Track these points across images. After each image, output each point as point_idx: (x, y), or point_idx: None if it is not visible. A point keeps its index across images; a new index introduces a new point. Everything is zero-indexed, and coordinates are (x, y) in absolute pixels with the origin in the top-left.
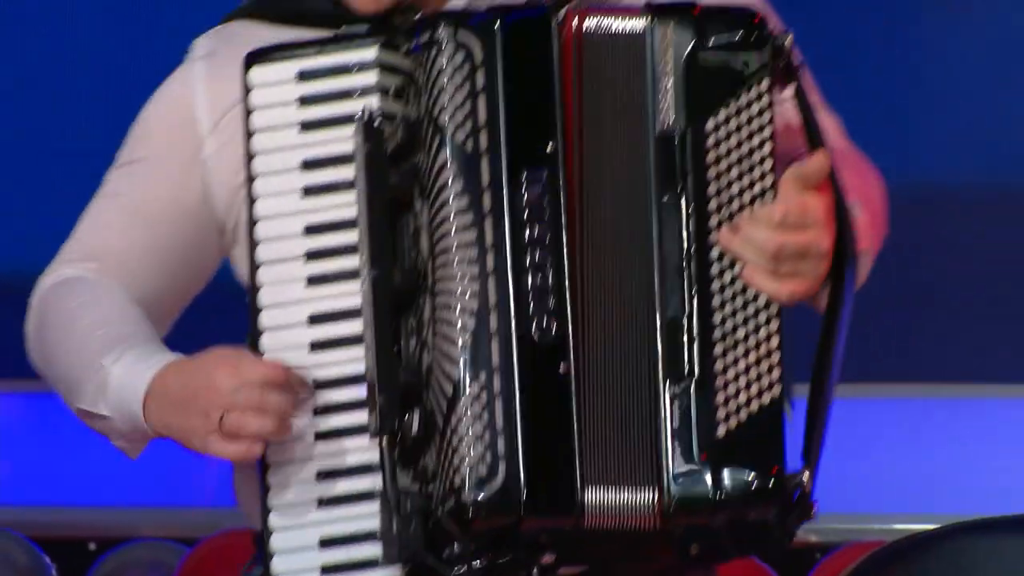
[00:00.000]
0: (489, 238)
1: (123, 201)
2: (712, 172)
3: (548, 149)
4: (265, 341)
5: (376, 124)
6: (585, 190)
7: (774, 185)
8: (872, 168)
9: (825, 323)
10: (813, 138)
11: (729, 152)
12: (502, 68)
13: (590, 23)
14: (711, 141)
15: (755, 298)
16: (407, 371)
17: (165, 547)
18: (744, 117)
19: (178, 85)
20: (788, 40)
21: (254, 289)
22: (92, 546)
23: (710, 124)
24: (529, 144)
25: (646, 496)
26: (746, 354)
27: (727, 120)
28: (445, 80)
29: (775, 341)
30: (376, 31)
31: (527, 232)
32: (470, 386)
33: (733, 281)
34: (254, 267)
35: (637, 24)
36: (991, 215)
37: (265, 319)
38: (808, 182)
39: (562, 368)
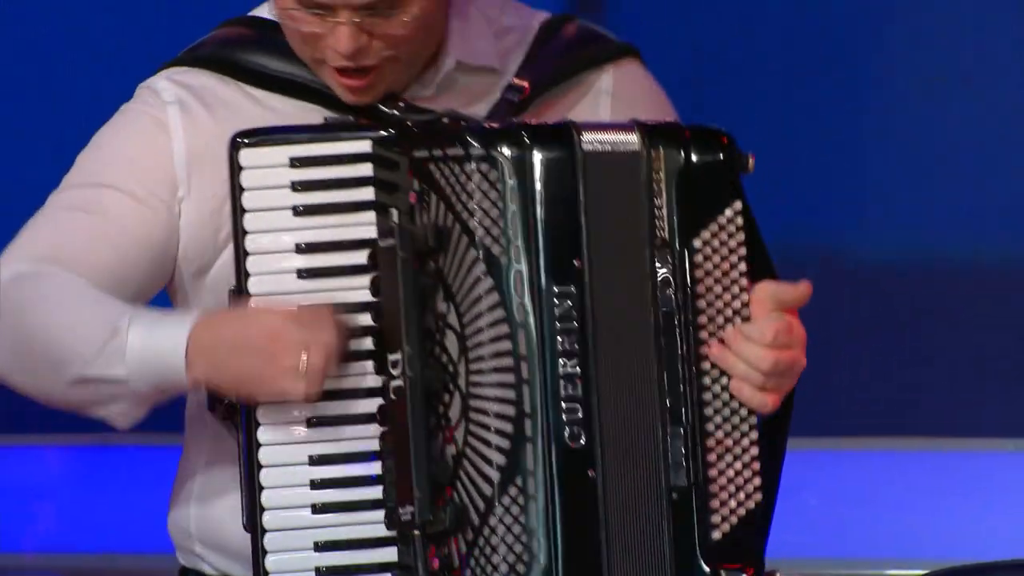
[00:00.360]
0: (523, 348)
1: (94, 220)
2: (700, 288)
3: (576, 265)
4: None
5: (407, 228)
6: (602, 305)
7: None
8: None
9: (774, 431)
10: (762, 261)
11: (713, 268)
12: (533, 183)
13: (593, 138)
14: (699, 258)
15: (739, 408)
16: (436, 464)
17: None
18: (724, 235)
19: (153, 125)
20: (751, 160)
21: None
22: None
23: (697, 242)
24: (559, 260)
25: None
26: (734, 462)
27: (711, 237)
28: (478, 191)
29: (756, 450)
30: (365, 119)
31: (559, 344)
32: (508, 488)
33: (722, 392)
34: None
35: (634, 143)
36: (977, 286)
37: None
38: (787, 305)
39: (591, 473)
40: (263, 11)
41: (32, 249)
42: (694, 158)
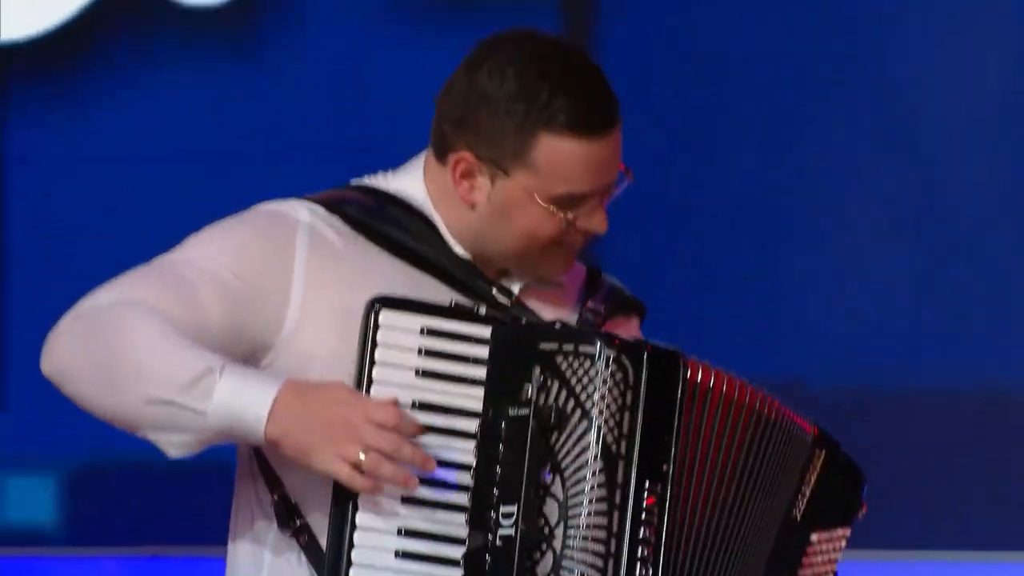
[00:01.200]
0: (615, 527)
1: (205, 306)
2: None
3: (665, 468)
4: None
5: (540, 416)
6: (680, 507)
7: None
8: None
9: None
10: None
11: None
12: (645, 391)
13: (703, 376)
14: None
15: None
16: None
17: None
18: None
19: (283, 236)
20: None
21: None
22: None
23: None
24: (655, 460)
25: None
26: None
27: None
28: (603, 387)
29: None
30: (488, 311)
31: (642, 531)
32: None
33: None
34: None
35: (741, 390)
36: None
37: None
38: None
39: None
40: (378, 181)
41: (131, 292)
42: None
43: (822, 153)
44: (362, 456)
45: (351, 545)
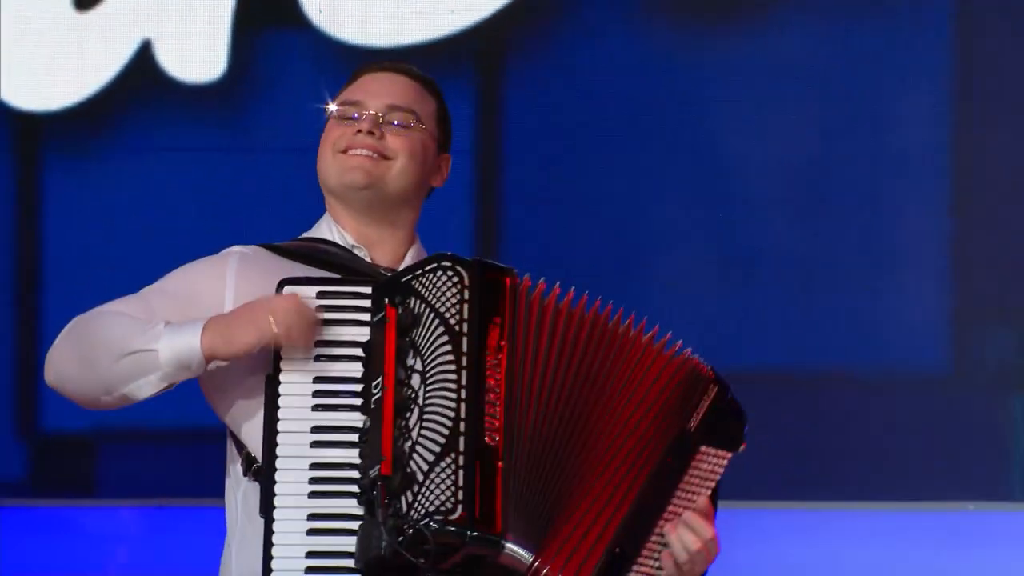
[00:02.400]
0: (464, 381)
1: (150, 303)
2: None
3: (501, 344)
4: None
5: (397, 323)
6: (509, 366)
7: None
8: None
9: None
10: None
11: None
12: (476, 287)
13: (525, 283)
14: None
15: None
16: (397, 447)
17: None
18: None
19: (218, 263)
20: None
21: (274, 397)
22: None
23: None
24: (490, 335)
25: (525, 555)
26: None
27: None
28: (445, 290)
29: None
30: (370, 278)
31: (487, 384)
32: (446, 459)
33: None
34: (274, 394)
35: (573, 302)
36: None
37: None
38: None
39: (499, 464)
40: (312, 231)
41: (103, 306)
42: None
43: (659, 187)
44: (271, 319)
45: (276, 428)
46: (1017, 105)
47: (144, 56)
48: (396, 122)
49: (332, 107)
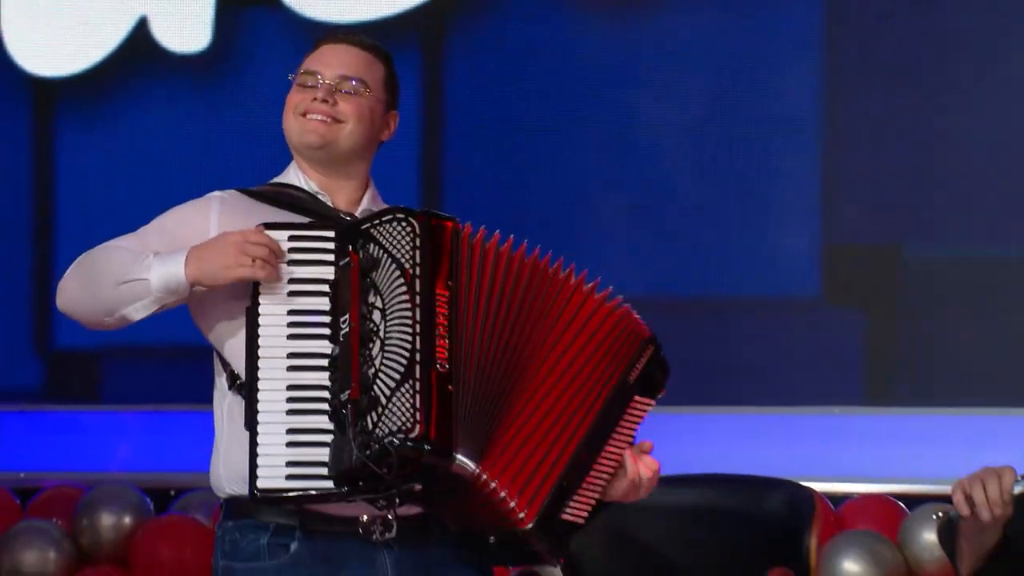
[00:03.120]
0: (419, 317)
1: (147, 240)
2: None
3: (448, 284)
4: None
5: (359, 266)
6: (456, 303)
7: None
8: None
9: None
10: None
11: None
12: (428, 238)
13: (459, 230)
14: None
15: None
16: (362, 375)
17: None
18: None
19: (201, 207)
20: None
21: (254, 332)
22: (172, 492)
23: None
24: (439, 276)
25: (472, 465)
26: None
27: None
28: (399, 237)
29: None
30: (334, 223)
31: (438, 319)
32: (405, 384)
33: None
34: (254, 324)
35: (514, 248)
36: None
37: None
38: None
39: (450, 388)
40: (281, 177)
41: (105, 242)
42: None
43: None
44: (247, 258)
45: (256, 355)
46: (874, 73)
47: (141, 30)
48: (346, 90)
49: (293, 76)
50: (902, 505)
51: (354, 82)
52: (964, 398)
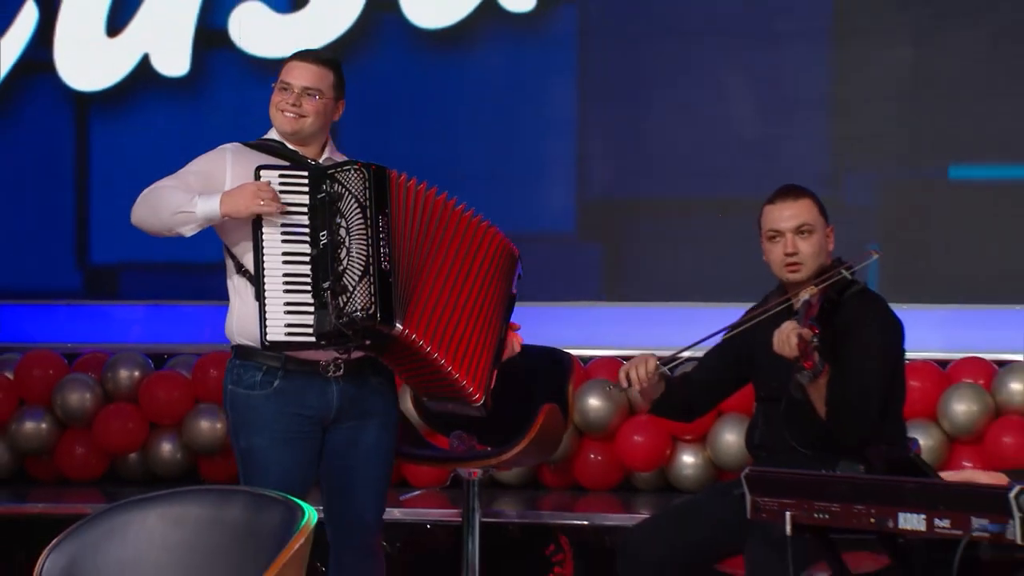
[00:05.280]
0: (370, 234)
1: (188, 180)
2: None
3: (386, 211)
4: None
5: (329, 198)
6: (392, 224)
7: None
8: None
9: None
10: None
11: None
12: (373, 181)
13: (403, 178)
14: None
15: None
16: (334, 272)
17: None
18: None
19: (219, 156)
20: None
21: (259, 252)
22: (165, 356)
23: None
24: (383, 206)
25: (403, 327)
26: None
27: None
28: (355, 180)
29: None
30: (308, 167)
31: (381, 235)
32: (364, 280)
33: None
34: (259, 235)
35: (435, 192)
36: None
37: (266, 267)
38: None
39: (391, 280)
40: (267, 136)
41: (158, 183)
42: None
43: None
44: (260, 200)
45: (262, 254)
46: (615, 98)
47: (145, 61)
48: (308, 95)
49: (274, 83)
50: (623, 361)
51: (312, 90)
52: (648, 295)
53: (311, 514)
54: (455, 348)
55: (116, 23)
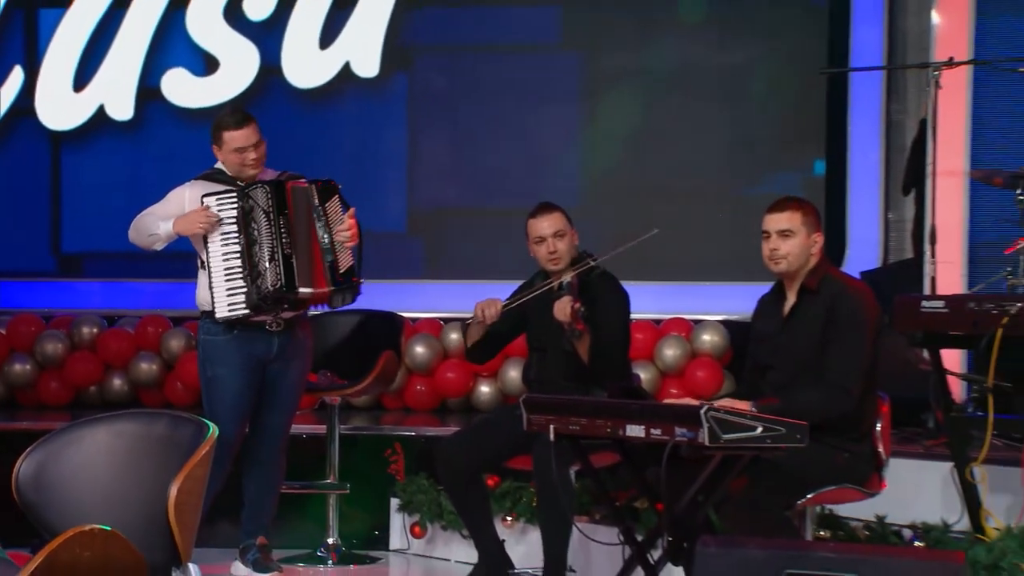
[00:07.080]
0: (274, 232)
1: (166, 206)
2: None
3: (285, 212)
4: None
5: (246, 211)
6: (290, 220)
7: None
8: None
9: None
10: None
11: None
12: (274, 194)
13: (292, 184)
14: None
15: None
16: (257, 262)
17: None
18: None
19: (182, 192)
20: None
21: (208, 261)
22: (115, 318)
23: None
24: (282, 210)
25: (307, 291)
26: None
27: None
28: (262, 195)
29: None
30: (236, 189)
31: (283, 232)
32: (273, 263)
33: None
34: (206, 242)
35: (305, 185)
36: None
37: (212, 265)
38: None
39: (293, 261)
40: (217, 165)
41: (141, 212)
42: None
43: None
44: (201, 224)
45: (208, 255)
46: (435, 138)
47: (102, 110)
48: (255, 147)
49: (225, 147)
50: (442, 323)
51: (256, 144)
52: (456, 276)
53: (214, 430)
54: (329, 276)
55: (81, 81)
